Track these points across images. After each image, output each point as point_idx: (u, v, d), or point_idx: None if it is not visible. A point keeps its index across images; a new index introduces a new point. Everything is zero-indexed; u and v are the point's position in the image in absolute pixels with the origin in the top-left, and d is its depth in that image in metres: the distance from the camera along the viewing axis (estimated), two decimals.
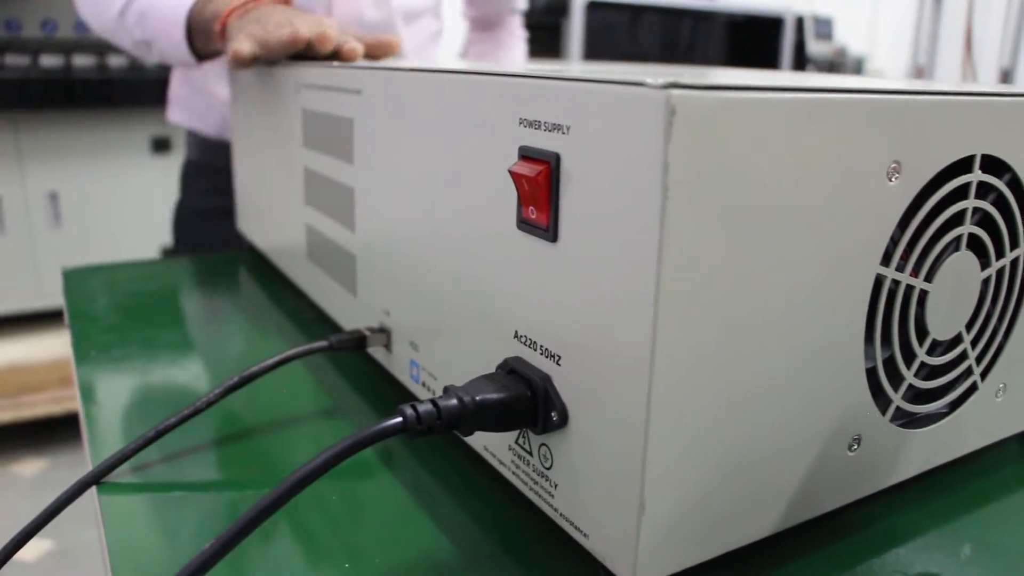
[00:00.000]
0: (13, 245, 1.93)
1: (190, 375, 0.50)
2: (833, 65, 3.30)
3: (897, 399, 0.33)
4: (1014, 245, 0.35)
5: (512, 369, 0.31)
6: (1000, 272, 0.35)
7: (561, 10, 2.56)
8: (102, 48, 2.01)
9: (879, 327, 0.31)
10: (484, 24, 1.09)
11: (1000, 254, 0.35)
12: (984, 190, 0.33)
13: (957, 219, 0.32)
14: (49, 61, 1.93)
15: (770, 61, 2.72)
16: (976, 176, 0.32)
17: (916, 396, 0.34)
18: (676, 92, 0.23)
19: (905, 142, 0.29)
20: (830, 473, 0.32)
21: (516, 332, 0.32)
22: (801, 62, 2.95)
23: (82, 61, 1.98)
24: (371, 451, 0.41)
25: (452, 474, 0.38)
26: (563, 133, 0.28)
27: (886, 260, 0.30)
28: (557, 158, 0.28)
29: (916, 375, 0.34)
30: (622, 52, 2.56)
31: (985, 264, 0.34)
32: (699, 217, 0.25)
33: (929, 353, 0.34)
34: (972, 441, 0.37)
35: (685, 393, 0.26)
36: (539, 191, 0.29)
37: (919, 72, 2.44)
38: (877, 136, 0.28)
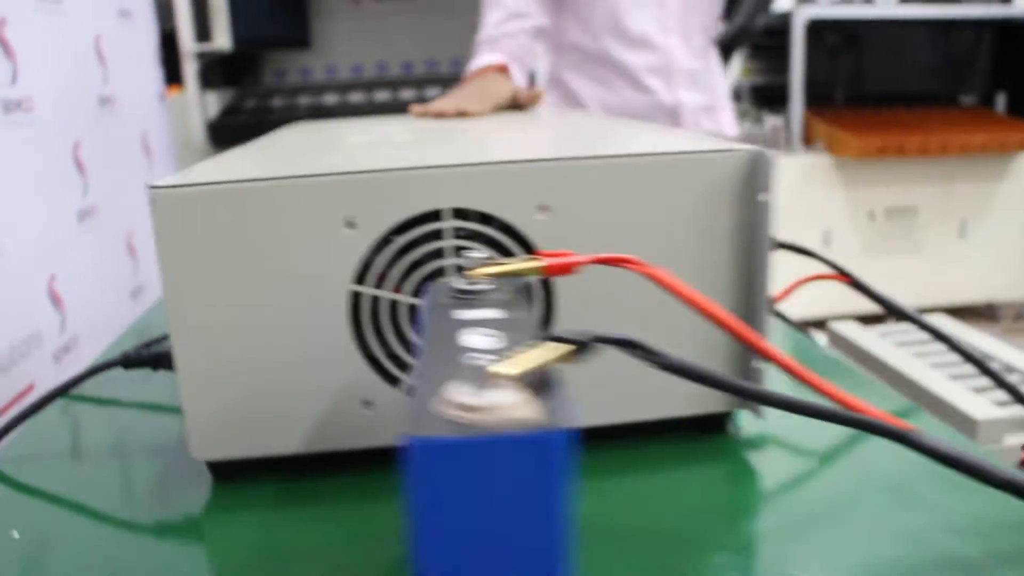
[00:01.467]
0: None
1: None
2: None
3: (411, 380, 0.47)
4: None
5: None
6: None
7: (782, 31, 2.49)
8: (371, 85, 2.50)
9: (371, 326, 0.46)
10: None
11: None
12: (470, 233, 0.46)
13: (438, 254, 0.46)
14: (330, 99, 2.45)
15: None
16: (445, 223, 0.45)
17: None
18: (156, 191, 0.43)
19: (356, 202, 0.44)
20: (348, 421, 0.47)
21: None
22: None
23: (356, 98, 2.48)
24: None
25: None
26: None
27: (360, 281, 0.45)
28: None
29: None
30: (857, 71, 2.43)
31: None
32: (191, 271, 0.43)
33: None
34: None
35: (203, 354, 0.45)
36: None
37: None
38: (325, 202, 0.44)
